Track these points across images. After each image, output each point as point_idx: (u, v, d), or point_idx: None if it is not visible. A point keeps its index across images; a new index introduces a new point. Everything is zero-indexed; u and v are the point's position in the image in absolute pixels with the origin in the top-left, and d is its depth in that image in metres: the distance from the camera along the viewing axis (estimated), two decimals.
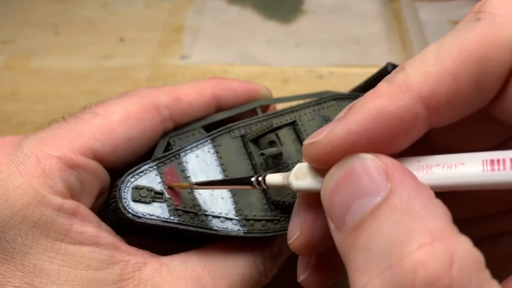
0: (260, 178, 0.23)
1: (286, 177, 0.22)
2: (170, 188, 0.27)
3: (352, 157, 0.19)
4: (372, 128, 0.19)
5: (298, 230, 0.22)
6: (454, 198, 0.23)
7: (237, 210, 0.28)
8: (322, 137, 0.20)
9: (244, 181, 0.24)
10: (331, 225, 0.19)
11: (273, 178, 0.23)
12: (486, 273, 0.16)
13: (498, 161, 0.18)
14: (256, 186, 0.24)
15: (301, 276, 0.24)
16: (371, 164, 0.18)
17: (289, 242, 0.23)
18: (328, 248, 0.22)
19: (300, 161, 0.29)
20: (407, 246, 0.16)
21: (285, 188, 0.23)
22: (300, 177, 0.22)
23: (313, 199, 0.22)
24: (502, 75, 0.19)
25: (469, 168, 0.18)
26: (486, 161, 0.18)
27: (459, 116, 0.20)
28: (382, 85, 0.20)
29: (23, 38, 0.55)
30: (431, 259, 0.15)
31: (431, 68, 0.19)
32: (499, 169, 0.18)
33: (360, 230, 0.17)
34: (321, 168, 0.21)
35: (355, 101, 0.20)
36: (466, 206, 0.24)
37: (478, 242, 0.17)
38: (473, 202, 0.25)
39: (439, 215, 0.17)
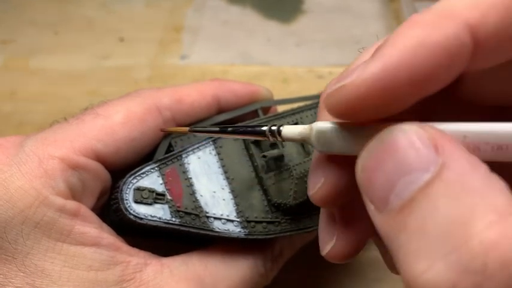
0: (274, 128, 0.21)
1: (307, 130, 0.20)
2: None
3: (393, 129, 0.16)
4: (413, 61, 0.16)
5: (320, 181, 0.21)
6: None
7: (238, 212, 0.28)
8: (354, 77, 0.17)
9: (257, 130, 0.22)
10: (370, 207, 0.17)
11: (291, 130, 0.21)
12: None
13: None
14: (270, 138, 0.21)
15: (327, 248, 0.22)
16: (417, 136, 0.16)
17: (310, 193, 0.21)
18: (352, 203, 0.21)
19: (301, 163, 0.29)
20: (473, 225, 0.14)
21: (303, 142, 0.21)
22: (321, 137, 0.19)
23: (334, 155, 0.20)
24: None
25: None
26: None
27: (503, 59, 0.18)
28: (418, 15, 0.17)
29: (22, 37, 0.55)
30: (504, 238, 0.14)
31: None
32: None
33: (410, 210, 0.15)
34: (346, 124, 0.18)
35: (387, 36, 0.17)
36: None
37: None
38: None
39: (500, 190, 0.15)
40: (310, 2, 0.61)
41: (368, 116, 0.18)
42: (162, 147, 0.30)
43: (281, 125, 0.21)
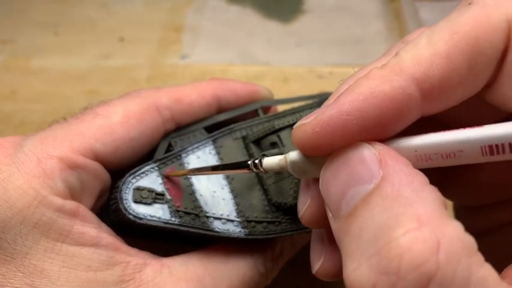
0: (257, 161, 0.23)
1: (283, 161, 0.22)
2: (168, 179, 0.27)
3: (348, 147, 0.19)
4: (363, 108, 0.18)
5: (307, 202, 0.22)
6: (459, 185, 0.23)
7: (239, 212, 0.28)
8: (312, 118, 0.19)
9: (242, 165, 0.24)
10: (329, 214, 0.19)
11: (270, 161, 0.23)
12: (478, 257, 0.16)
13: (497, 146, 0.17)
14: (254, 170, 0.23)
15: (316, 266, 0.23)
16: (365, 152, 0.18)
17: (299, 214, 0.23)
18: None
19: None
20: (394, 231, 0.16)
21: (282, 171, 0.23)
22: (295, 166, 0.21)
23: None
24: (495, 57, 0.19)
25: (468, 154, 0.18)
26: (485, 147, 0.18)
27: (453, 102, 0.20)
28: (374, 69, 0.19)
29: (23, 38, 0.55)
30: (417, 243, 0.15)
31: (423, 50, 0.19)
32: (498, 154, 0.18)
33: (353, 217, 0.17)
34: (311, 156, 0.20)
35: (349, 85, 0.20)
36: (476, 193, 0.24)
37: (485, 232, 0.16)
38: (480, 189, 0.24)
39: (430, 201, 0.17)
40: (310, 2, 0.61)
41: (326, 151, 0.19)
42: (162, 146, 0.30)
43: (262, 158, 0.23)
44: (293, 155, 0.21)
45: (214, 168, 0.26)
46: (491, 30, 0.19)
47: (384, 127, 0.19)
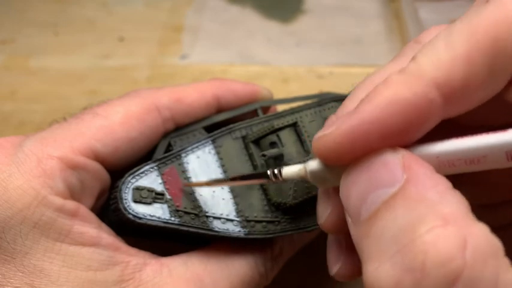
0: (276, 171, 0.23)
1: (302, 170, 0.22)
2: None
3: (370, 154, 0.19)
4: (386, 117, 0.18)
5: (328, 210, 0.22)
6: (473, 184, 0.23)
7: (238, 212, 0.28)
8: (334, 128, 0.19)
9: (261, 175, 0.24)
10: (349, 220, 0.19)
11: (289, 171, 0.23)
12: (505, 261, 0.15)
13: None
14: (273, 180, 0.23)
15: (335, 268, 0.24)
16: (389, 157, 0.18)
17: (320, 222, 0.23)
18: None
19: (301, 162, 0.29)
20: (418, 228, 0.16)
21: (301, 180, 0.23)
22: (315, 176, 0.21)
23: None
24: None
25: (492, 159, 0.18)
26: (509, 153, 0.17)
27: (474, 104, 0.19)
28: (393, 75, 0.19)
29: (22, 37, 0.55)
30: (442, 240, 0.15)
31: (443, 54, 0.19)
32: None
33: (374, 220, 0.17)
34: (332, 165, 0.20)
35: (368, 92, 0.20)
36: (486, 191, 0.24)
37: (498, 229, 0.16)
38: (489, 187, 0.24)
39: (455, 203, 0.16)
40: (310, 2, 0.61)
41: (347, 161, 0.19)
42: (161, 146, 0.30)
43: (281, 168, 0.23)
44: (313, 164, 0.21)
45: (233, 179, 0.26)
46: (511, 28, 0.18)
47: (406, 134, 0.19)
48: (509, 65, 0.19)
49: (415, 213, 0.16)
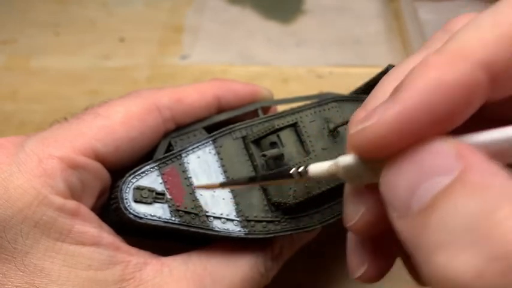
0: (301, 169, 0.22)
1: (333, 167, 0.21)
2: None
3: (416, 144, 0.17)
4: (431, 102, 0.17)
5: (360, 210, 0.21)
6: None
7: (238, 211, 0.28)
8: (374, 120, 0.18)
9: (283, 174, 0.23)
10: (393, 215, 0.18)
11: (318, 168, 0.21)
12: None
13: None
14: (297, 178, 0.22)
15: (359, 271, 0.23)
16: (440, 145, 0.17)
17: (349, 224, 0.22)
18: (383, 232, 0.21)
19: (301, 162, 0.29)
20: (495, 216, 0.14)
21: (332, 178, 0.21)
22: (349, 172, 0.20)
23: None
24: None
25: None
26: None
27: None
28: (432, 56, 0.18)
29: (23, 38, 0.55)
30: None
31: (488, 33, 0.18)
32: None
33: (432, 210, 0.16)
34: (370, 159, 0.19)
35: (402, 79, 0.18)
36: None
37: None
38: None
39: None
40: (310, 2, 0.61)
41: (391, 152, 0.18)
42: (162, 146, 0.30)
43: (307, 165, 0.22)
44: (347, 159, 0.20)
45: (251, 179, 0.25)
46: None
47: (451, 119, 0.17)
48: None
49: (483, 200, 0.15)
